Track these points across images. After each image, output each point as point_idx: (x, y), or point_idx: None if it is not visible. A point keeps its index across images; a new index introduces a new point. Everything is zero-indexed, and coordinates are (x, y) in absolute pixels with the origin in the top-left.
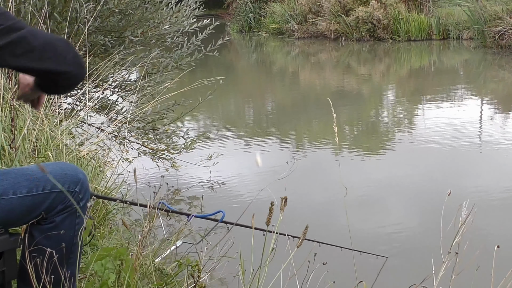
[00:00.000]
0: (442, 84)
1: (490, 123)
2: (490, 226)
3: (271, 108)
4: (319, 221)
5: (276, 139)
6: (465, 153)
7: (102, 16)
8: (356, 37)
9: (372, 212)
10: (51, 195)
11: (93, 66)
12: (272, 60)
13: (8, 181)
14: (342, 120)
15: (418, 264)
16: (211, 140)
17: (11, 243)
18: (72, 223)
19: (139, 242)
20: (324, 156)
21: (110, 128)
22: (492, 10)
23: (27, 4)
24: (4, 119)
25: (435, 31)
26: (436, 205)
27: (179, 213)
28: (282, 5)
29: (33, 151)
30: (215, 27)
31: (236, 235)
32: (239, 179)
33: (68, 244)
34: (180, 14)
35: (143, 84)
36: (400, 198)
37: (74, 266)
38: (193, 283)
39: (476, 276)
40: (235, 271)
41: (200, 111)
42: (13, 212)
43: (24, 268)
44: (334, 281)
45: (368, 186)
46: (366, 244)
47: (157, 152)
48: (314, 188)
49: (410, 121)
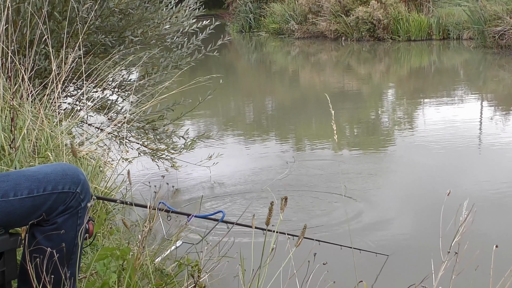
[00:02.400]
0: (442, 84)
1: (490, 123)
2: (489, 226)
3: (271, 108)
4: (319, 221)
5: (276, 138)
6: (465, 152)
7: (102, 16)
8: (356, 37)
9: (372, 211)
10: (52, 196)
11: (93, 66)
12: (272, 60)
13: (9, 182)
14: (342, 119)
15: (418, 264)
16: (211, 140)
17: (11, 243)
18: (73, 224)
19: (139, 242)
20: (324, 155)
21: (110, 128)
22: (492, 10)
23: (26, 3)
24: (4, 119)
25: (435, 31)
26: (436, 205)
27: (179, 213)
28: (282, 5)
29: (33, 151)
30: (215, 27)
31: (236, 235)
32: (239, 179)
33: (69, 245)
34: (180, 14)
35: (143, 84)
36: (400, 198)
37: (74, 267)
38: (193, 283)
39: (475, 276)
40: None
41: (200, 111)
42: (14, 213)
43: (24, 269)
44: (334, 281)
45: (368, 185)
46: (365, 244)
47: (157, 152)
48: (313, 187)
49: (409, 120)
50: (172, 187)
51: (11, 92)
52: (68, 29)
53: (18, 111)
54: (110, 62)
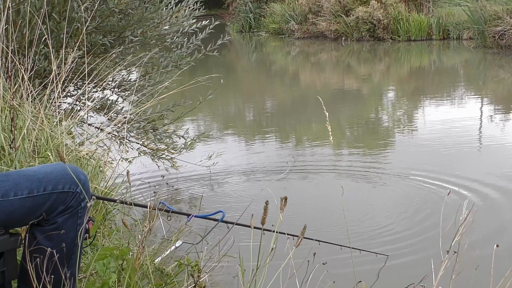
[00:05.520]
0: (442, 84)
1: (489, 123)
2: (489, 226)
3: (271, 107)
4: (319, 221)
5: (276, 138)
6: (465, 152)
7: (101, 16)
8: (356, 37)
9: (372, 211)
10: (52, 196)
11: (93, 66)
12: (272, 60)
13: (9, 182)
14: (342, 119)
15: (418, 264)
16: (211, 140)
17: (12, 243)
18: (73, 224)
19: (139, 242)
20: (323, 155)
21: (110, 128)
22: (492, 10)
23: (26, 4)
24: (4, 119)
25: (435, 31)
26: (436, 205)
27: (179, 213)
28: (282, 5)
29: (33, 151)
30: (215, 27)
31: (236, 235)
32: (239, 179)
33: (69, 245)
34: (180, 14)
35: (142, 83)
36: (400, 197)
37: (74, 267)
38: (193, 283)
39: (475, 276)
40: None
41: (200, 111)
42: (14, 213)
43: (24, 268)
44: (333, 281)
45: (368, 185)
46: (365, 244)
47: (157, 152)
48: (313, 187)
49: (409, 120)
50: (172, 187)
51: (11, 92)
52: (68, 29)
53: (18, 111)
54: (110, 62)
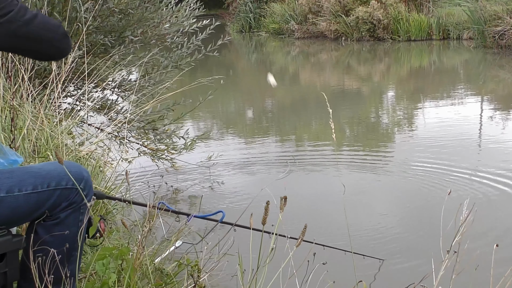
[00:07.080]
0: (442, 84)
1: (490, 122)
2: (489, 225)
3: (271, 107)
4: (318, 221)
5: (276, 138)
6: (465, 152)
7: (102, 16)
8: (356, 37)
9: (372, 211)
10: (56, 192)
11: (93, 66)
12: (272, 60)
13: (13, 179)
14: (342, 119)
15: (418, 264)
16: (211, 140)
17: (14, 244)
18: (76, 219)
19: (139, 242)
20: (324, 155)
21: (110, 128)
22: (492, 10)
23: (26, 4)
24: (4, 119)
25: (435, 31)
26: (436, 204)
27: (179, 213)
28: (282, 5)
29: (33, 151)
30: (215, 27)
31: (236, 235)
32: (238, 179)
33: (71, 241)
34: (180, 14)
35: (142, 83)
36: (400, 197)
37: (74, 265)
38: (193, 283)
39: (475, 276)
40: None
41: (200, 111)
42: (19, 209)
43: (25, 266)
44: (333, 281)
45: (367, 184)
46: (365, 244)
47: (157, 152)
48: (313, 187)
49: (409, 120)
50: (172, 187)
51: (11, 92)
52: (68, 29)
53: (18, 111)
54: (110, 62)
